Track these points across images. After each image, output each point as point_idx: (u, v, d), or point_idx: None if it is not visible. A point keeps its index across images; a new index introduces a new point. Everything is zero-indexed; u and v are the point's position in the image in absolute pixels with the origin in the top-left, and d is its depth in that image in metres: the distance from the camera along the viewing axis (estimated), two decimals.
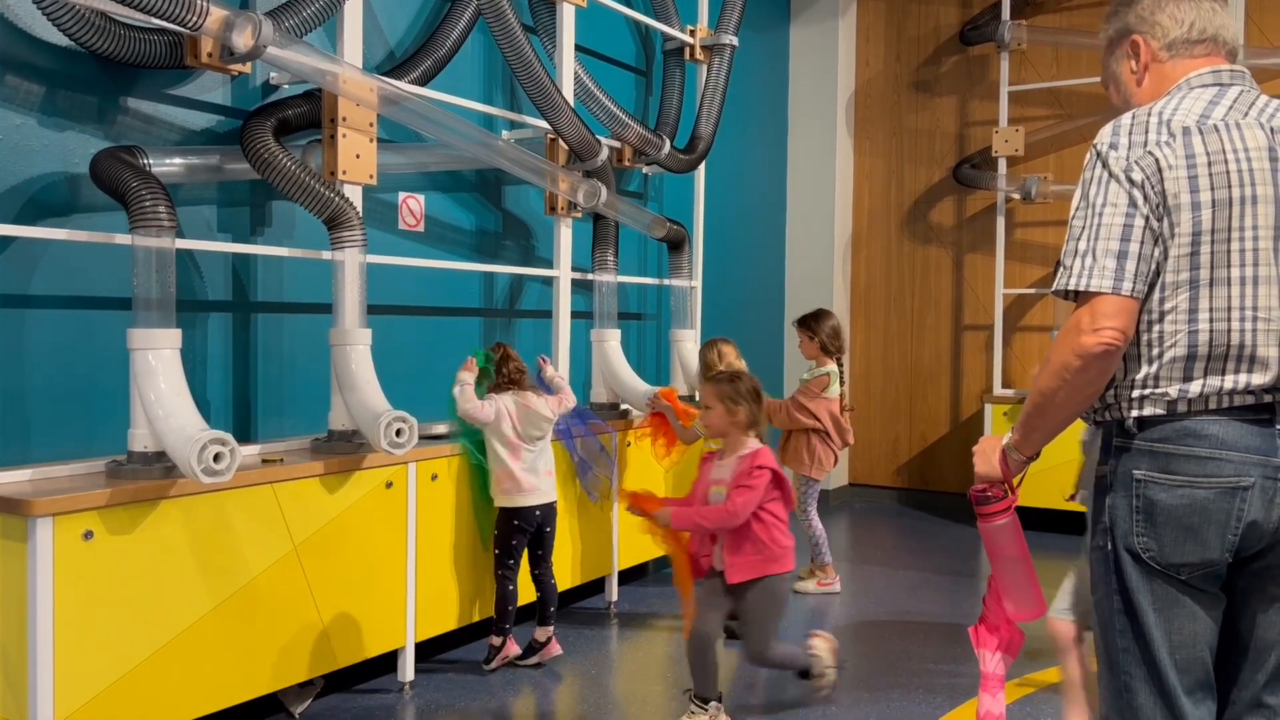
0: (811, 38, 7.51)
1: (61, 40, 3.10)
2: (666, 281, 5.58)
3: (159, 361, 2.92)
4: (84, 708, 2.69)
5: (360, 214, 3.51)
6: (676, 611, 4.62)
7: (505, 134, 4.71)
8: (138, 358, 2.92)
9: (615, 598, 4.70)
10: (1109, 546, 1.82)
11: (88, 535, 2.68)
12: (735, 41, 5.62)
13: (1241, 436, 1.73)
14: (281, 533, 3.17)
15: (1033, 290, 6.89)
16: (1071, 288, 1.76)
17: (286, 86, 3.73)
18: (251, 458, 3.31)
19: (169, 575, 2.88)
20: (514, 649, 3.84)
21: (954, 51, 7.24)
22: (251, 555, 3.09)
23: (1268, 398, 1.74)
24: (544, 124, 4.47)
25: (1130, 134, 1.77)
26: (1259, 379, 1.73)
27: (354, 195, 3.58)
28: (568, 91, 4.54)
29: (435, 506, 3.71)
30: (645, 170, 5.74)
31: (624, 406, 4.93)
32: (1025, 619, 2.06)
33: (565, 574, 4.39)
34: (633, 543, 4.49)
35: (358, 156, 3.55)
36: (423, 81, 3.97)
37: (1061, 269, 1.80)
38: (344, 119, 3.49)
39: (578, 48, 4.77)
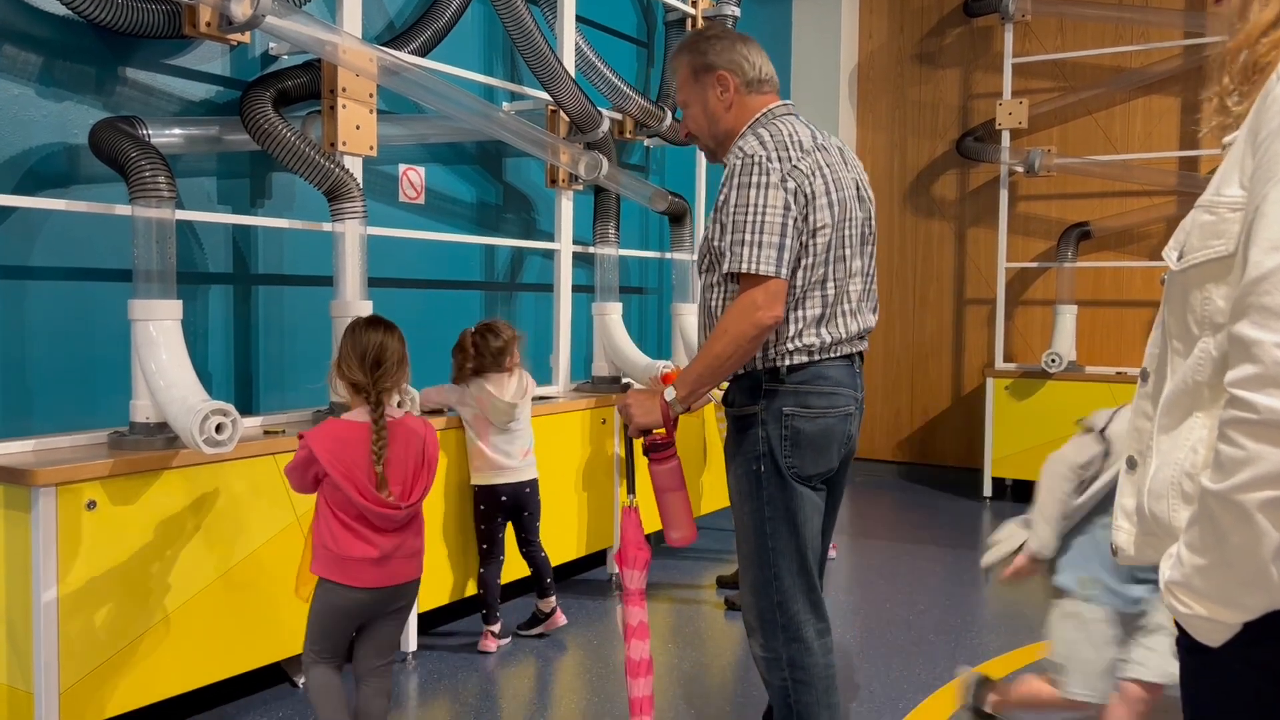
0: (814, 9, 7.46)
1: (59, 10, 3.08)
2: (668, 255, 5.57)
3: (160, 332, 2.92)
4: (88, 676, 2.71)
5: (360, 186, 3.49)
6: (678, 582, 4.65)
7: (506, 105, 4.69)
8: (139, 329, 2.92)
9: (617, 569, 4.72)
10: (760, 468, 2.30)
11: (91, 505, 2.69)
12: (737, 12, 5.58)
13: (846, 376, 2.33)
14: (284, 503, 3.18)
15: (1035, 264, 6.88)
16: (743, 270, 2.17)
17: (286, 57, 3.71)
18: (253, 429, 3.32)
19: (172, 545, 2.89)
20: (491, 645, 3.79)
21: (958, 23, 7.19)
22: (254, 526, 3.10)
23: (851, 349, 2.36)
24: (545, 95, 4.45)
25: (777, 150, 2.24)
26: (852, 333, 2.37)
27: (354, 167, 3.56)
28: (569, 63, 4.51)
29: (436, 480, 3.71)
30: (646, 142, 5.72)
31: (625, 380, 4.93)
32: (683, 543, 2.40)
33: (567, 546, 4.41)
34: None
35: (358, 128, 3.53)
36: (423, 52, 3.94)
37: (730, 255, 2.20)
38: (344, 90, 3.47)
39: (579, 18, 4.74)
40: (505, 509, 3.76)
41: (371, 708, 2.66)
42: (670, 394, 2.31)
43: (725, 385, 2.40)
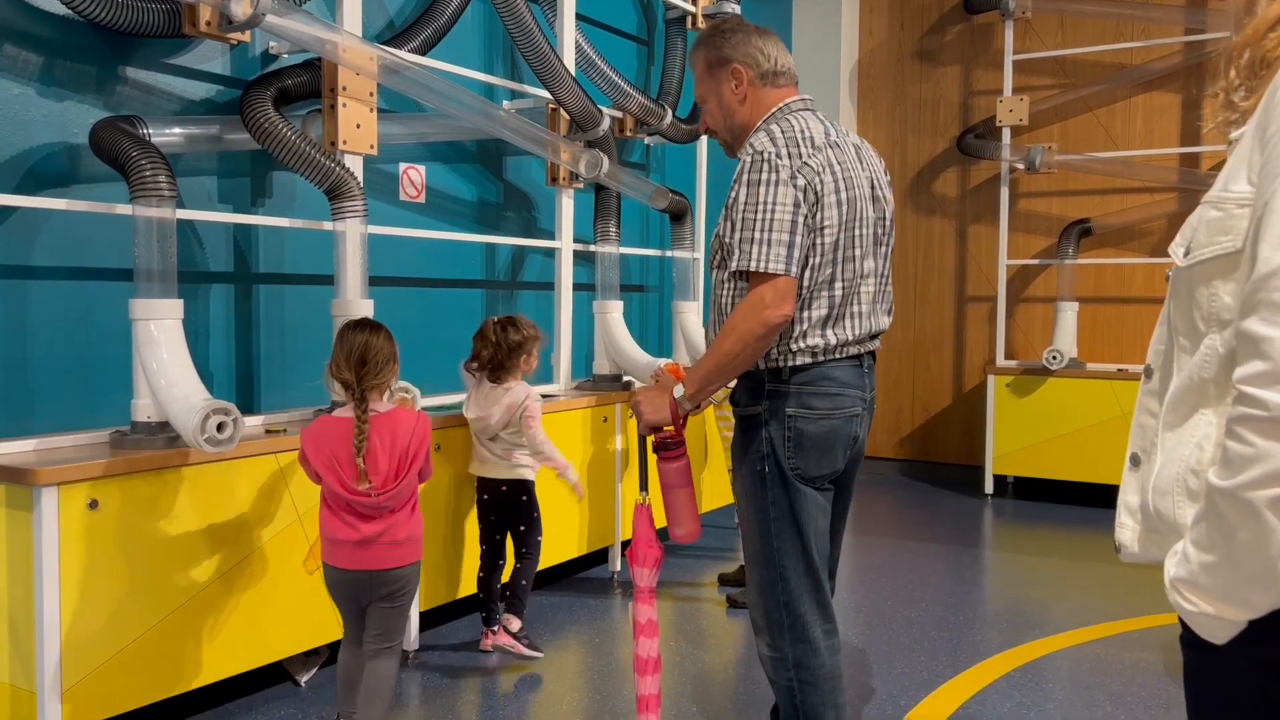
0: (814, 7, 7.45)
1: (59, 9, 3.08)
2: (669, 253, 5.57)
3: (161, 332, 2.92)
4: (90, 675, 2.71)
5: (361, 184, 3.49)
6: (680, 580, 4.65)
7: (506, 104, 4.68)
8: (140, 328, 2.92)
9: (618, 567, 4.73)
10: (764, 469, 2.29)
11: (93, 505, 2.69)
12: (737, 9, 5.57)
13: (853, 377, 2.30)
14: (285, 502, 3.19)
15: (1036, 261, 6.87)
16: (752, 269, 2.17)
17: (286, 56, 3.71)
18: (255, 428, 3.32)
19: (173, 544, 2.89)
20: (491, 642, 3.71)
21: (958, 20, 7.19)
22: (256, 525, 3.10)
23: (860, 349, 2.33)
24: (545, 94, 4.45)
25: (788, 147, 2.22)
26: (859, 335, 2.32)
27: (355, 165, 3.56)
28: (569, 61, 4.51)
29: (438, 476, 3.72)
30: (647, 140, 5.72)
31: (626, 378, 4.93)
32: (687, 540, 2.42)
33: (569, 544, 4.41)
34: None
35: (358, 126, 3.53)
36: (423, 50, 3.94)
37: (739, 253, 2.19)
38: (344, 88, 3.47)
39: (579, 17, 4.74)
40: (488, 506, 3.68)
41: (372, 678, 2.74)
42: (679, 391, 2.31)
43: (733, 385, 2.40)
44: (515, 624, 3.65)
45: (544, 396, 4.44)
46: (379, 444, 2.67)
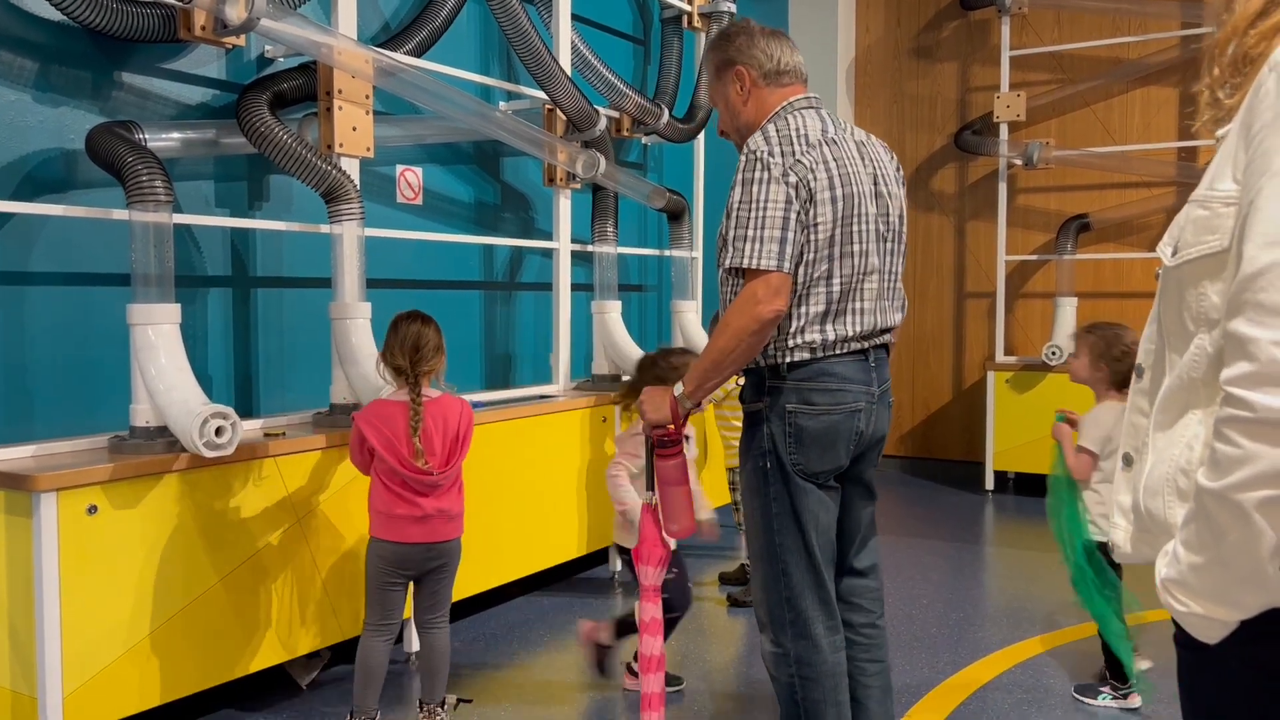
0: (811, 4, 7.44)
1: (54, 15, 3.08)
2: (667, 252, 5.57)
3: (159, 337, 2.92)
4: (92, 681, 2.71)
5: (358, 187, 3.49)
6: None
7: (502, 105, 4.68)
8: (138, 333, 2.92)
9: (618, 567, 4.73)
10: (766, 465, 2.31)
11: (92, 510, 2.70)
12: (733, 8, 5.58)
13: (857, 372, 2.30)
14: (285, 506, 3.19)
15: (1035, 257, 6.87)
16: (743, 266, 2.19)
17: (281, 59, 3.71)
18: (253, 432, 3.32)
19: (173, 549, 2.90)
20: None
21: (955, 16, 7.18)
22: (255, 528, 3.11)
23: (865, 344, 2.33)
24: (541, 94, 4.45)
25: (780, 145, 2.25)
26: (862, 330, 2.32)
27: (351, 168, 3.56)
28: (565, 61, 4.51)
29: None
30: (644, 140, 5.72)
31: (626, 378, 4.93)
32: (683, 535, 2.46)
33: (568, 544, 4.41)
34: None
35: (354, 129, 3.53)
36: (418, 53, 3.94)
37: (731, 250, 2.21)
38: (340, 91, 3.47)
39: (575, 17, 4.74)
40: None
41: (431, 654, 3.02)
42: (679, 389, 2.33)
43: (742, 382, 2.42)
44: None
45: (542, 397, 4.45)
46: (433, 426, 2.87)
